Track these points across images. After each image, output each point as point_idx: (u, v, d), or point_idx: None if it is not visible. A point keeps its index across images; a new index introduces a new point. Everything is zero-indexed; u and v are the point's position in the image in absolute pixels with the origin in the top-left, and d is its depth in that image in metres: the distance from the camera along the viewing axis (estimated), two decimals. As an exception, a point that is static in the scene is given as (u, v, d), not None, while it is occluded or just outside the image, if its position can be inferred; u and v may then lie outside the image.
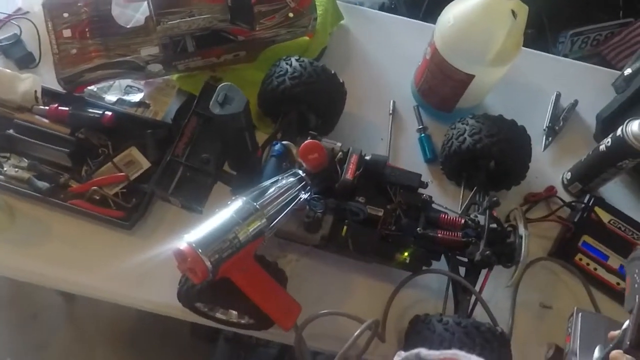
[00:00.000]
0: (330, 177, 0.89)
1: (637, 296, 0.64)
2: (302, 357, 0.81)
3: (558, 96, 1.20)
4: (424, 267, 0.92)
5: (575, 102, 1.19)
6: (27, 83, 1.00)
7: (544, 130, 1.16)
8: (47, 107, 1.00)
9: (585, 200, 1.06)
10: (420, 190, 0.95)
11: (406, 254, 0.89)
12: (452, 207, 0.99)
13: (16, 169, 0.96)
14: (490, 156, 0.97)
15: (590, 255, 1.02)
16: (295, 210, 0.86)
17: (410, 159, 1.09)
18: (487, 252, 0.86)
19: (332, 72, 1.00)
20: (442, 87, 1.06)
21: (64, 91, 1.01)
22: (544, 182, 1.10)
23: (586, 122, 1.18)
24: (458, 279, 0.90)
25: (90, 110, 1.00)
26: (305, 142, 0.81)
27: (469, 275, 0.92)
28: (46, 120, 1.00)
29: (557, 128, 1.16)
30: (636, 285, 0.66)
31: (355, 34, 1.22)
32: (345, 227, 0.87)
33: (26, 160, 0.97)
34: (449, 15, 0.98)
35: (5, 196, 0.94)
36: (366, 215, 0.89)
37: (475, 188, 0.99)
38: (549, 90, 1.21)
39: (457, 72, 1.00)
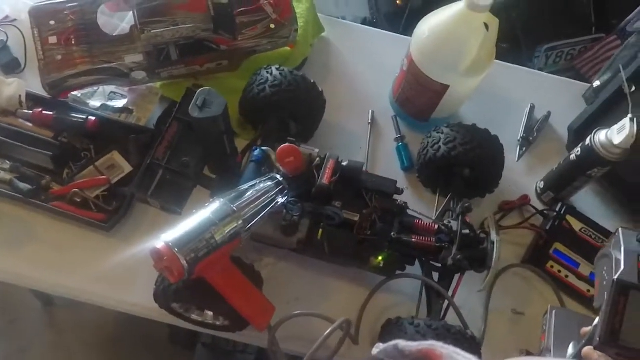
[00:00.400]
0: (307, 181, 0.92)
1: (605, 293, 0.67)
2: (276, 358, 0.83)
3: (532, 108, 1.23)
4: (398, 272, 0.94)
5: (549, 114, 1.23)
6: (12, 88, 1.02)
7: (519, 140, 1.19)
8: (31, 112, 1.01)
9: (557, 209, 1.09)
10: (396, 197, 0.98)
11: (380, 258, 0.91)
12: (428, 214, 1.02)
13: (-1, 171, 0.97)
14: (464, 164, 1.00)
15: (561, 263, 1.05)
16: (272, 213, 0.88)
17: (388, 167, 1.12)
18: (459, 257, 0.88)
19: (312, 81, 1.02)
20: (418, 97, 1.09)
21: (49, 96, 1.03)
22: (518, 191, 1.13)
23: (559, 132, 1.22)
24: (431, 283, 0.92)
25: (74, 115, 1.02)
26: (282, 146, 0.83)
27: (442, 280, 0.95)
28: (30, 124, 1.02)
29: (531, 139, 1.19)
30: (604, 283, 0.69)
31: (336, 46, 1.25)
32: (321, 231, 0.89)
33: (9, 163, 0.98)
34: (424, 28, 1.02)
35: (-13, 198, 0.95)
36: (342, 219, 0.91)
37: (449, 195, 1.02)
38: (523, 102, 1.24)
39: (433, 82, 1.03)
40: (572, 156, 1.03)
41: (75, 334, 1.57)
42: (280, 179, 0.88)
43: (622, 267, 0.67)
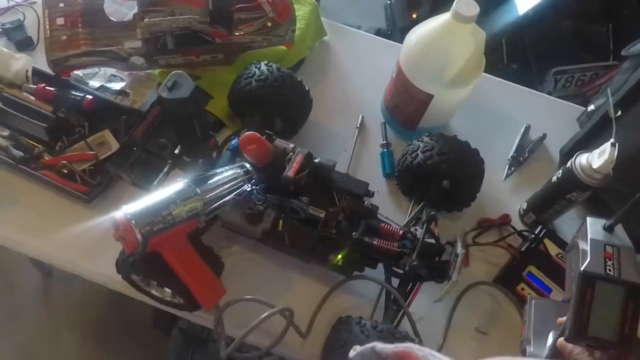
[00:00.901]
0: (276, 173, 0.94)
1: (573, 285, 0.66)
2: (219, 338, 0.85)
3: (527, 128, 1.22)
4: (357, 273, 0.95)
5: (544, 136, 1.21)
6: (20, 62, 1.09)
7: (508, 159, 1.18)
8: (35, 86, 1.08)
9: (536, 231, 1.06)
10: (368, 200, 0.98)
11: (340, 256, 0.92)
12: (402, 221, 1.02)
13: (-3, 138, 1.04)
14: (439, 174, 0.99)
15: (533, 286, 1.02)
16: (239, 201, 0.91)
17: (370, 172, 1.13)
18: (415, 263, 0.88)
19: (299, 79, 1.05)
20: (405, 105, 1.10)
21: (53, 73, 1.09)
22: (500, 210, 1.12)
23: (552, 155, 1.19)
24: (388, 287, 0.92)
25: (74, 93, 1.08)
26: (246, 133, 0.86)
27: (402, 286, 0.94)
28: (32, 98, 1.08)
29: (521, 159, 1.17)
30: (573, 274, 0.68)
31: (335, 50, 1.28)
32: (281, 222, 0.91)
33: (8, 131, 1.05)
34: (413, 36, 1.03)
35: (-17, 161, 1.02)
36: (307, 214, 0.93)
37: (422, 204, 1.02)
38: (519, 122, 1.23)
39: (418, 90, 1.04)
40: (554, 178, 1.01)
41: (65, 311, 1.63)
42: (249, 168, 0.91)
43: (589, 258, 0.65)
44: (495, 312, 1.02)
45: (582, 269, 0.64)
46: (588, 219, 0.70)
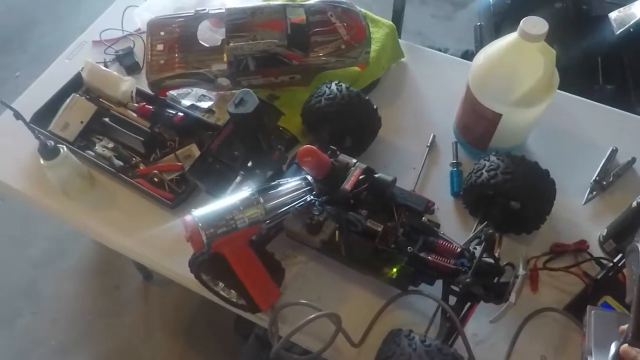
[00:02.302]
0: (337, 187, 0.98)
1: (635, 288, 0.65)
2: (273, 338, 0.89)
3: (614, 151, 1.14)
4: (412, 288, 0.95)
5: (633, 160, 1.13)
6: (127, 84, 1.25)
7: (590, 183, 1.11)
8: (137, 105, 1.23)
9: (615, 260, 0.99)
10: (434, 219, 0.99)
11: (395, 269, 0.93)
12: (465, 240, 1.01)
13: (103, 149, 1.19)
14: (504, 193, 0.97)
15: (608, 317, 0.95)
16: (302, 212, 0.97)
17: (438, 190, 1.13)
18: (469, 280, 0.87)
19: (367, 98, 1.09)
20: (474, 124, 1.09)
21: (152, 93, 1.23)
22: (577, 235, 1.06)
23: (641, 181, 1.11)
24: (442, 303, 0.91)
25: (168, 110, 1.22)
26: (303, 146, 0.91)
27: (458, 305, 0.93)
28: (135, 115, 1.23)
29: (604, 183, 1.10)
30: (634, 277, 0.67)
31: (412, 71, 1.30)
32: (337, 233, 0.95)
33: (112, 143, 1.20)
34: (481, 56, 1.03)
35: (90, 168, 1.18)
36: (364, 227, 0.95)
37: (484, 223, 1.00)
38: (605, 145, 1.16)
39: (485, 109, 1.03)
40: (634, 203, 0.95)
41: (160, 311, 1.78)
42: (310, 180, 0.96)
43: None
44: (563, 341, 0.97)
45: None
46: None
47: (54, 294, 1.91)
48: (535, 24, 0.92)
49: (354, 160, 1.01)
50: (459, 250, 0.94)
